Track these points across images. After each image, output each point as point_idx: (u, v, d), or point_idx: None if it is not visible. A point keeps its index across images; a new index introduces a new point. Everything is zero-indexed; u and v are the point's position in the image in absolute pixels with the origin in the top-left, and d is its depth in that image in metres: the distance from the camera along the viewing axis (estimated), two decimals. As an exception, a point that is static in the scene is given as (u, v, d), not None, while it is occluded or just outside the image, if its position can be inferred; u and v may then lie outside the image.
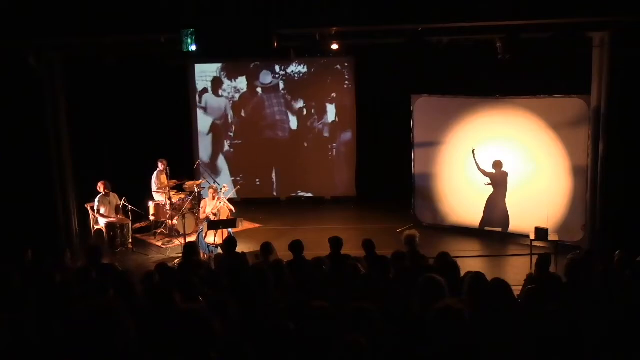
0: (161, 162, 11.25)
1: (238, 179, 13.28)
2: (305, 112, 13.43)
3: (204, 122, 13.56)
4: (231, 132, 13.59)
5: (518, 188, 10.43)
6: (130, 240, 10.58)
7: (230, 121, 13.54)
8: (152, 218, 11.34)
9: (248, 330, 3.87)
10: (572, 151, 9.82)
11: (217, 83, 13.44)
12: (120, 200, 10.58)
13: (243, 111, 13.50)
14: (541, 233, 9.12)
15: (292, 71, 13.25)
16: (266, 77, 13.27)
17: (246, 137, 13.59)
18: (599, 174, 9.15)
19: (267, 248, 6.98)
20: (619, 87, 8.80)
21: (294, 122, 13.49)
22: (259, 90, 13.38)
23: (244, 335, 3.79)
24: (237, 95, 13.43)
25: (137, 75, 11.55)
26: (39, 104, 9.75)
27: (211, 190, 10.05)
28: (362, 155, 13.31)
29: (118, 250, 10.33)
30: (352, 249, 7.59)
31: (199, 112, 13.52)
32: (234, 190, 11.44)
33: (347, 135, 13.40)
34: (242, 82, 13.38)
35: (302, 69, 13.23)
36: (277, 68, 13.23)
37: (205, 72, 13.35)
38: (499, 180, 10.55)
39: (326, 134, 13.48)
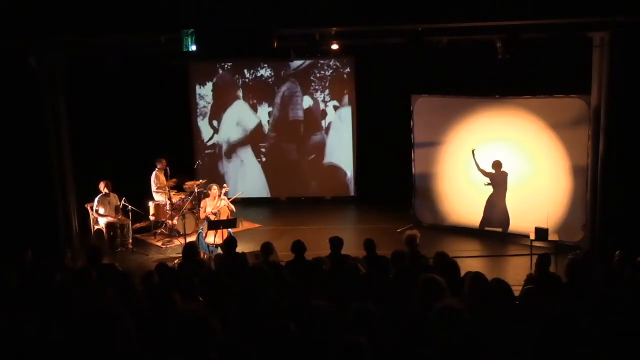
0: (159, 161, 11.26)
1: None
2: (304, 111, 13.43)
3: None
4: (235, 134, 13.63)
5: (518, 188, 10.43)
6: (130, 240, 10.58)
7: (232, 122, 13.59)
8: (152, 218, 11.34)
9: (248, 330, 3.87)
10: (572, 151, 9.81)
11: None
12: (120, 200, 10.59)
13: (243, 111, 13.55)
14: (541, 233, 9.12)
15: (292, 69, 13.27)
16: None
17: (249, 138, 13.63)
18: (599, 174, 9.15)
19: (267, 248, 6.98)
20: (619, 87, 8.80)
21: (293, 121, 13.49)
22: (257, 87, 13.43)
23: (244, 335, 3.79)
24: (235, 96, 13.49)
25: (137, 75, 11.55)
26: (39, 104, 9.75)
27: (213, 190, 10.04)
28: (362, 155, 13.31)
29: (118, 250, 10.34)
30: (352, 249, 7.59)
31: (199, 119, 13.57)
32: (237, 195, 11.37)
33: (347, 135, 13.39)
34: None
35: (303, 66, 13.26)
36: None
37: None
38: (498, 180, 10.55)
39: (326, 134, 13.47)
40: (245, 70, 13.29)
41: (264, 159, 13.59)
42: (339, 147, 13.44)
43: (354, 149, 13.38)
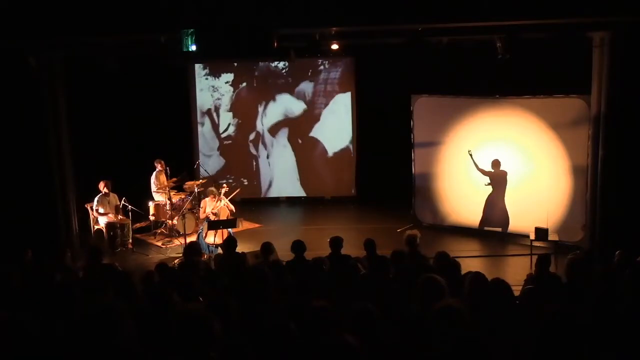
0: (158, 162, 11.26)
1: (235, 180, 13.29)
2: (304, 112, 13.43)
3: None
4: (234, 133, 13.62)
5: (518, 188, 10.43)
6: (130, 240, 10.58)
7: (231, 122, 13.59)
8: (152, 218, 11.34)
9: (248, 330, 3.87)
10: (572, 151, 9.82)
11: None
12: (120, 200, 10.58)
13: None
14: (541, 233, 9.12)
15: (294, 69, 13.27)
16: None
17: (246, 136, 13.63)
18: (599, 174, 9.14)
19: (267, 248, 6.98)
20: (619, 87, 8.80)
21: (293, 121, 13.49)
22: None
23: (244, 335, 3.78)
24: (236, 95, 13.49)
25: (137, 75, 11.54)
26: (39, 104, 9.75)
27: (213, 191, 10.03)
28: (362, 155, 13.31)
29: (118, 250, 10.34)
30: (352, 249, 7.58)
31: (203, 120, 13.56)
32: (235, 192, 11.36)
33: (347, 135, 13.39)
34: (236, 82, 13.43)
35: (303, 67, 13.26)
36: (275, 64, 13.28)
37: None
38: (498, 179, 10.55)
39: (326, 134, 13.47)
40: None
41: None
42: (339, 147, 13.43)
43: (353, 149, 13.38)
